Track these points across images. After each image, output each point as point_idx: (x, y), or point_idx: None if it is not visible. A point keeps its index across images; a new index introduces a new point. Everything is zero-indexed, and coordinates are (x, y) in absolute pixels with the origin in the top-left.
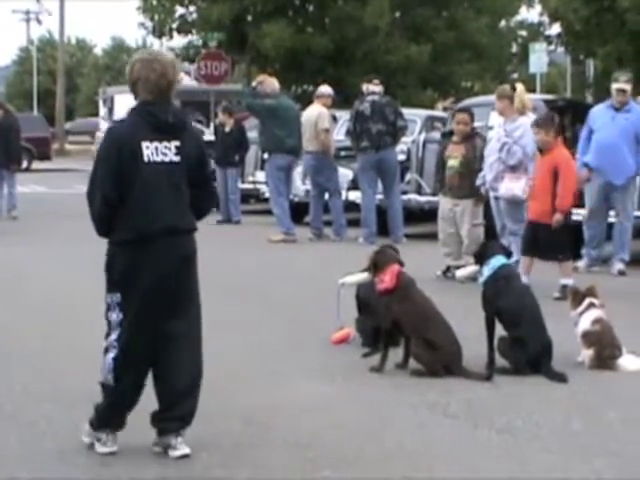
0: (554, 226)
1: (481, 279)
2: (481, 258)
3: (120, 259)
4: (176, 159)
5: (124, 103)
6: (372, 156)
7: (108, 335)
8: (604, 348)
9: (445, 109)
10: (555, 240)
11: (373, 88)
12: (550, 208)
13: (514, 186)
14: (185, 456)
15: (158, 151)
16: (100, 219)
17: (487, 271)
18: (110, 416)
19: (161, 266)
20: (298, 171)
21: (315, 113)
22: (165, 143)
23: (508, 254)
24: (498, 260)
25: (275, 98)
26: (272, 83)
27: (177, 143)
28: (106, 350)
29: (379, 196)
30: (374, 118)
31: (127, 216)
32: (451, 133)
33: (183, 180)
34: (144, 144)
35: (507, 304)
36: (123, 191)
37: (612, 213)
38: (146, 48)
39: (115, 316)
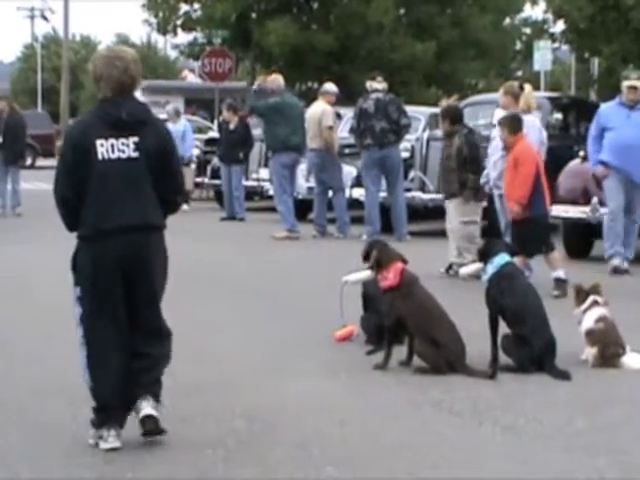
0: (512, 217)
1: (485, 277)
2: (485, 256)
3: (81, 254)
4: (134, 155)
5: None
6: (376, 153)
7: (78, 332)
8: (608, 346)
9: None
10: (535, 234)
11: (376, 86)
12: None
13: None
14: (149, 417)
15: (114, 148)
16: (62, 216)
17: (491, 269)
18: (105, 414)
19: (116, 262)
20: (301, 168)
21: (319, 110)
22: (122, 140)
23: (512, 252)
24: (502, 258)
25: (280, 95)
26: (277, 80)
27: (135, 139)
28: (81, 347)
29: (383, 194)
30: (378, 116)
31: (85, 213)
32: None
33: (144, 176)
34: (98, 142)
35: (511, 302)
36: (80, 189)
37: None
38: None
39: (77, 310)
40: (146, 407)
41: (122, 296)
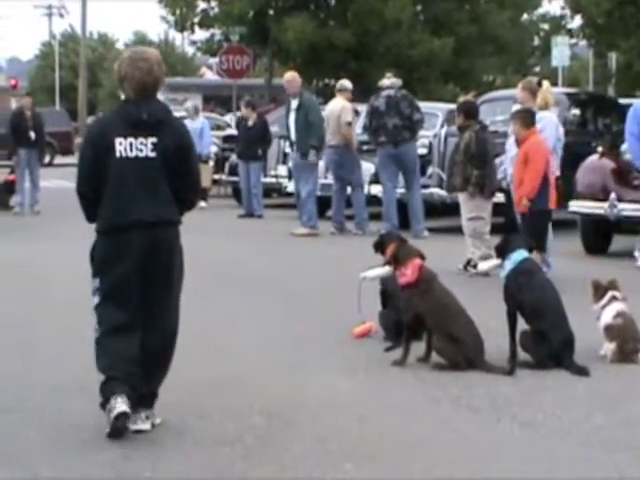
0: (519, 211)
1: (503, 273)
2: (503, 252)
3: (99, 247)
4: (152, 155)
5: None
6: (391, 151)
7: (93, 320)
8: (626, 342)
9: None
10: (529, 228)
11: (385, 82)
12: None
13: None
14: (140, 431)
15: (133, 147)
16: (82, 209)
17: (509, 265)
18: (110, 386)
19: (131, 256)
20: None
21: (338, 107)
22: (141, 139)
23: (530, 248)
24: (520, 254)
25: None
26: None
27: (154, 139)
28: (95, 334)
29: (400, 190)
30: (390, 113)
31: (103, 208)
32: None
33: (160, 175)
34: (117, 140)
35: (529, 298)
36: (99, 185)
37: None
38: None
39: (94, 300)
40: (139, 422)
41: (137, 290)
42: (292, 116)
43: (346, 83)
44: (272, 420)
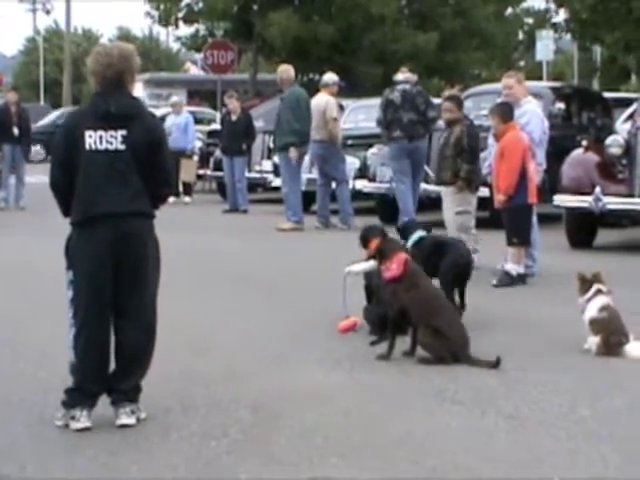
0: (497, 206)
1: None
2: (404, 235)
3: (73, 239)
4: (121, 147)
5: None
6: (405, 145)
7: (68, 313)
8: (611, 335)
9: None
10: (509, 224)
11: (401, 77)
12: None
13: None
14: (125, 426)
15: (102, 140)
16: (57, 203)
17: (410, 242)
18: (81, 394)
19: (100, 248)
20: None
21: (323, 102)
22: (111, 132)
23: (428, 229)
24: (417, 234)
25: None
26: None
27: (124, 132)
28: (70, 328)
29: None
30: (405, 107)
31: (75, 200)
32: None
33: (130, 167)
34: (87, 133)
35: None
36: (71, 177)
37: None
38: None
39: (69, 294)
40: (123, 417)
41: (111, 282)
42: None
43: (330, 77)
44: (258, 414)
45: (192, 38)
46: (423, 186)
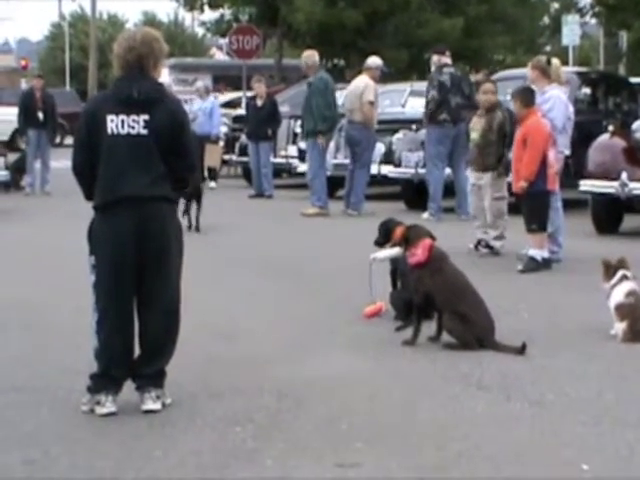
0: (516, 192)
1: None
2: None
3: (95, 224)
4: (144, 132)
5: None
6: (450, 130)
7: (92, 299)
8: (637, 321)
9: (477, 83)
10: (528, 210)
11: (446, 60)
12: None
13: None
14: (150, 411)
15: (124, 124)
16: (80, 187)
17: None
18: (106, 379)
19: (121, 232)
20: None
21: (362, 85)
22: (133, 117)
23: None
24: None
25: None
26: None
27: (146, 117)
28: (93, 313)
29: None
30: (453, 90)
31: (97, 184)
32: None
33: (152, 152)
34: (109, 117)
35: None
36: (93, 162)
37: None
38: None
39: (92, 278)
40: (148, 402)
41: (134, 266)
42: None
43: (373, 61)
44: (282, 399)
45: (217, 23)
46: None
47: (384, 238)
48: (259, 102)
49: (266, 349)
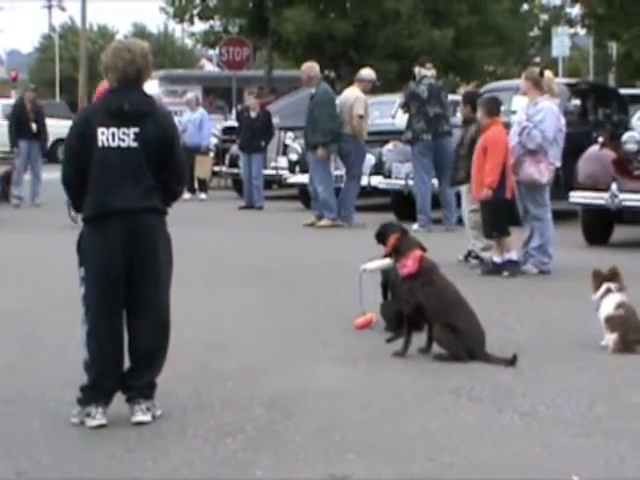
0: (481, 200)
1: None
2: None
3: (85, 236)
4: (134, 145)
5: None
6: (430, 143)
7: (81, 310)
8: (628, 332)
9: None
10: (489, 218)
11: (425, 72)
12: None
13: (533, 170)
14: (141, 423)
15: (115, 137)
16: (69, 198)
17: None
18: (96, 391)
19: (111, 244)
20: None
21: (352, 97)
22: (123, 129)
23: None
24: None
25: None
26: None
27: (136, 129)
28: (82, 325)
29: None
30: (431, 101)
31: (87, 196)
32: None
33: (143, 164)
34: (100, 130)
35: None
36: (84, 174)
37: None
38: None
39: (82, 290)
40: (139, 414)
41: (123, 278)
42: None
43: (366, 73)
44: (273, 410)
45: (205, 34)
46: (436, 182)
47: (380, 241)
48: (252, 114)
49: (257, 360)
